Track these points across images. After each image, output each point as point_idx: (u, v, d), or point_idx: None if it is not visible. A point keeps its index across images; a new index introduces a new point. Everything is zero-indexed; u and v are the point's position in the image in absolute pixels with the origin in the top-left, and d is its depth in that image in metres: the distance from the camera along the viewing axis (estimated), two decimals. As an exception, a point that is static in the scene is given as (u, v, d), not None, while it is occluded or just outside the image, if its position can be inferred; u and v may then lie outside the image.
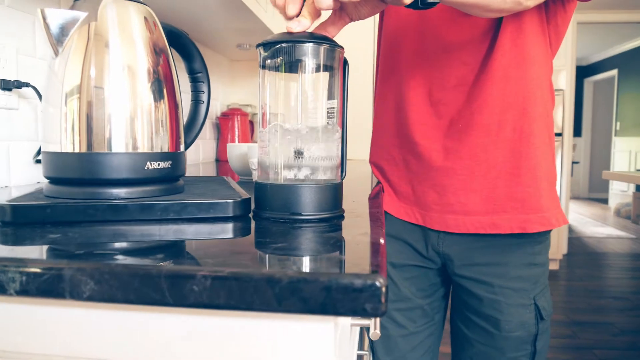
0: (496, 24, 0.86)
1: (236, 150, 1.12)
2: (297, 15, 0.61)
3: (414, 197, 0.98)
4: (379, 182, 1.07)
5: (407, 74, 0.95)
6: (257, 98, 0.64)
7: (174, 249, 0.43)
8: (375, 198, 0.88)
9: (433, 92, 0.92)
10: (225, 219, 0.58)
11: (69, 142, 0.57)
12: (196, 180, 0.80)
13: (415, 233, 1.00)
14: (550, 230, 0.94)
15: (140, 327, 0.39)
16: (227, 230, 0.54)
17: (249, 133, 2.17)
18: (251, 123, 2.21)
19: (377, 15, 1.29)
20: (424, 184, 0.95)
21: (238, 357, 0.38)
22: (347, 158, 2.43)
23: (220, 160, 2.09)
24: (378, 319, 0.60)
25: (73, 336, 0.40)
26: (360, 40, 2.37)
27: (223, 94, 2.24)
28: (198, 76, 0.73)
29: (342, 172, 0.71)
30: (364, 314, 0.34)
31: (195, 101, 0.74)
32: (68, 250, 0.43)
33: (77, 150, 0.57)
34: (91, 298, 0.37)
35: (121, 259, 0.39)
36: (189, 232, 0.51)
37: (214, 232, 0.52)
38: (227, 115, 2.08)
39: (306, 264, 0.38)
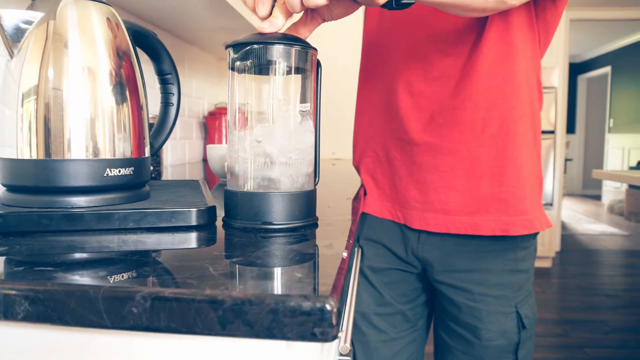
0: (483, 18, 0.83)
1: (216, 151, 1.09)
2: (269, 16, 0.59)
3: (396, 194, 0.95)
4: (362, 185, 1.04)
5: (393, 65, 0.93)
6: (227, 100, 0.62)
7: (124, 263, 0.41)
8: (355, 200, 0.86)
9: (414, 84, 0.89)
10: (189, 228, 0.56)
11: (26, 146, 0.54)
12: (167, 185, 0.77)
13: (395, 236, 0.98)
14: (535, 235, 0.92)
15: (80, 348, 0.37)
16: (189, 240, 0.52)
17: (237, 132, 2.13)
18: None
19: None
20: (406, 180, 0.92)
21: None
22: (337, 157, 2.41)
23: (207, 160, 2.07)
24: (348, 332, 0.58)
25: (10, 356, 0.38)
26: (350, 38, 2.34)
27: (210, 93, 2.22)
28: (167, 77, 0.71)
29: (316, 177, 0.69)
30: (313, 339, 0.32)
31: (165, 103, 0.71)
32: (9, 266, 0.40)
33: (33, 155, 0.54)
34: (26, 319, 0.35)
35: (61, 276, 0.37)
36: (148, 242, 0.49)
37: (175, 242, 0.50)
38: (215, 115, 2.05)
39: (256, 283, 0.36)
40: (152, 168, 0.99)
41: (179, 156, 1.86)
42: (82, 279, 0.36)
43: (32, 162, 0.54)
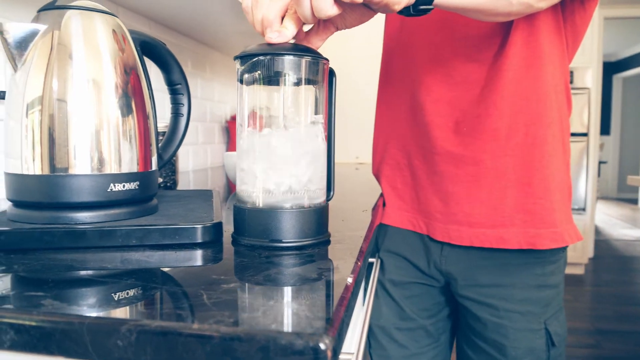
0: (508, 22, 0.79)
1: (233, 159, 1.08)
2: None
3: (418, 203, 0.92)
4: (381, 194, 1.01)
5: (414, 70, 0.89)
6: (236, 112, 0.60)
7: (118, 286, 0.39)
8: (373, 209, 0.83)
9: (436, 89, 0.86)
10: (195, 245, 0.54)
11: (29, 158, 0.53)
12: (179, 196, 0.76)
13: (417, 248, 0.94)
14: (564, 248, 0.87)
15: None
16: (192, 259, 0.50)
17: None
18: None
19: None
20: (428, 189, 0.89)
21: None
22: (360, 162, 2.37)
23: (229, 164, 2.06)
24: (360, 350, 0.55)
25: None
26: (380, 40, 2.30)
27: (233, 97, 2.21)
28: (177, 88, 0.69)
29: (330, 191, 0.67)
30: (306, 380, 0.29)
31: (175, 114, 0.70)
32: (1, 290, 0.39)
33: (37, 167, 0.53)
34: (13, 347, 0.34)
35: (49, 304, 0.35)
36: (149, 261, 0.47)
37: (177, 260, 0.48)
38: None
39: (249, 316, 0.34)
40: (165, 177, 0.98)
41: (201, 161, 1.87)
42: (70, 307, 0.35)
43: (35, 177, 0.53)
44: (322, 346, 0.29)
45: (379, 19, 0.85)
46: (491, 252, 0.85)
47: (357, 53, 2.39)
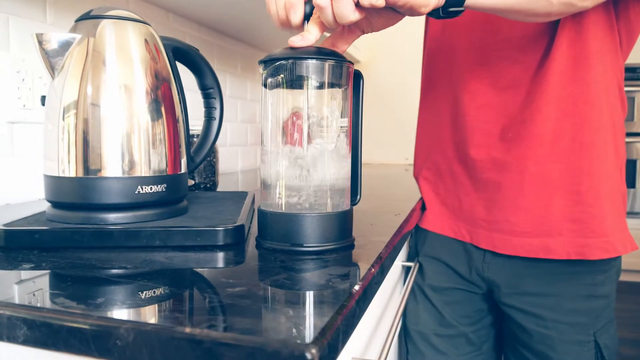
0: (554, 22, 0.75)
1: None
2: (301, 24, 0.57)
3: (460, 210, 0.90)
4: (421, 198, 0.99)
5: (458, 73, 0.87)
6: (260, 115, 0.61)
7: (131, 287, 0.41)
8: (411, 213, 0.82)
9: (481, 94, 0.83)
10: (217, 248, 0.55)
11: (65, 160, 0.56)
12: (214, 198, 0.78)
13: (458, 254, 0.92)
14: (617, 258, 0.82)
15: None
16: (211, 261, 0.51)
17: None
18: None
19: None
20: (472, 196, 0.87)
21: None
22: (410, 162, 2.33)
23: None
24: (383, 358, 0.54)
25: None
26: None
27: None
28: (210, 92, 0.71)
29: (356, 196, 0.66)
30: (292, 389, 0.29)
31: (208, 118, 0.71)
32: (28, 286, 0.41)
33: (72, 169, 0.56)
34: (26, 342, 0.36)
35: (61, 303, 0.37)
36: (170, 262, 0.49)
37: (196, 262, 0.49)
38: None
39: (243, 321, 0.34)
40: (205, 178, 1.00)
41: (251, 161, 1.90)
42: (78, 305, 0.36)
43: (68, 179, 0.56)
44: (308, 356, 0.29)
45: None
46: (537, 261, 0.81)
47: (411, 54, 2.36)
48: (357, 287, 0.40)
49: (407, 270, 1.01)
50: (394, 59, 2.54)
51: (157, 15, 1.30)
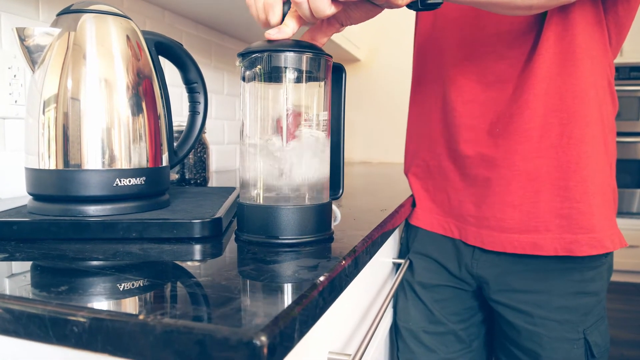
0: (541, 16, 0.75)
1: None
2: (280, 23, 0.57)
3: (450, 207, 0.90)
4: (411, 195, 0.99)
5: (445, 68, 0.87)
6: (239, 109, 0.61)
7: (97, 277, 0.41)
8: (399, 210, 0.81)
9: (468, 89, 0.83)
10: (194, 240, 0.55)
11: (45, 153, 0.57)
12: (200, 193, 0.78)
13: (447, 250, 0.91)
14: (607, 254, 0.81)
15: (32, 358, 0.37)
16: (188, 253, 0.51)
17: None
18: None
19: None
20: (460, 193, 0.86)
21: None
22: (386, 161, 2.33)
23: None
24: (360, 355, 0.54)
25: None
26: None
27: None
28: (194, 86, 0.71)
29: (338, 189, 0.66)
30: (241, 377, 0.29)
31: (192, 112, 0.72)
32: (-6, 275, 0.42)
33: (52, 162, 0.56)
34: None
35: (25, 290, 0.37)
36: (143, 254, 0.49)
37: (170, 255, 0.49)
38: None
39: (200, 309, 0.34)
40: (196, 174, 1.01)
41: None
42: (40, 293, 0.36)
43: (48, 172, 0.56)
44: (257, 343, 0.29)
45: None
46: (525, 257, 0.81)
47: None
48: (322, 278, 0.40)
49: (397, 267, 1.01)
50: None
51: (153, 12, 1.31)
